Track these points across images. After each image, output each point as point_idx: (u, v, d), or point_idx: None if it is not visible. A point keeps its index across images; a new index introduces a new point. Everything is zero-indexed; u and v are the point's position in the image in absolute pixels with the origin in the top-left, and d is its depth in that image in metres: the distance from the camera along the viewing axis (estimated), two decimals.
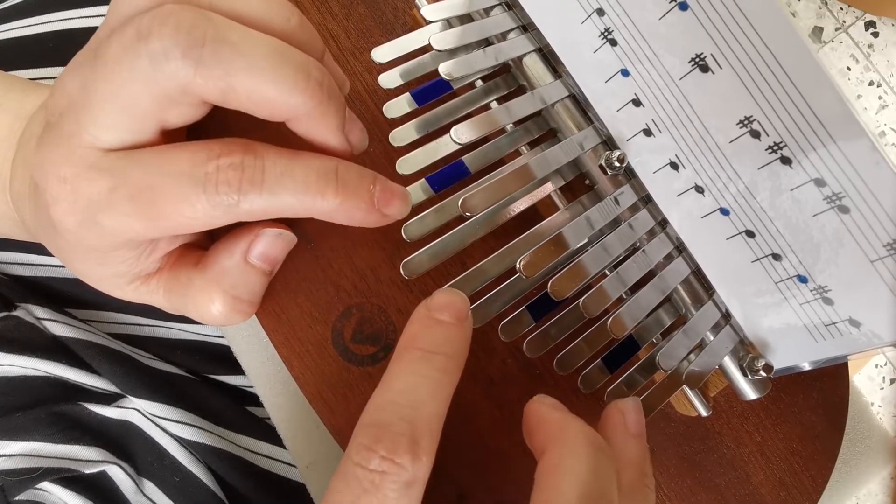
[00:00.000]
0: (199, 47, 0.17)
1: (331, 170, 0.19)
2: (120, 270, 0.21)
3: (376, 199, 0.20)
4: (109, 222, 0.18)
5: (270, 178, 0.18)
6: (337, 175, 0.19)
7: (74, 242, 0.20)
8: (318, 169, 0.19)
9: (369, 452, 0.18)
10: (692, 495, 0.27)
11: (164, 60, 0.17)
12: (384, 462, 0.18)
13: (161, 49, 0.17)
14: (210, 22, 0.17)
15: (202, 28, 0.17)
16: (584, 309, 0.22)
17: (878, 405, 1.12)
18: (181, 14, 0.17)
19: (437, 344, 0.20)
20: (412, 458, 0.18)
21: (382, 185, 0.20)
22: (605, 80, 0.24)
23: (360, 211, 0.20)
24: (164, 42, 0.17)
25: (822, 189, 0.21)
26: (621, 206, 0.24)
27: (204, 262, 0.22)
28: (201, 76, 0.17)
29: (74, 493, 0.29)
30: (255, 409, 0.36)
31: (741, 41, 0.21)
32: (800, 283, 0.23)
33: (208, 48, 0.17)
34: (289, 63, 0.18)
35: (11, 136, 0.23)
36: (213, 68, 0.17)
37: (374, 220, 0.20)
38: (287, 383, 0.29)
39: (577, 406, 0.27)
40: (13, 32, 0.35)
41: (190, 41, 0.17)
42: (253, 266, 0.22)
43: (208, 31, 0.17)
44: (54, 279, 0.33)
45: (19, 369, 0.30)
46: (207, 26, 0.17)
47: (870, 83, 1.15)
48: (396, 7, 0.28)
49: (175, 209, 0.18)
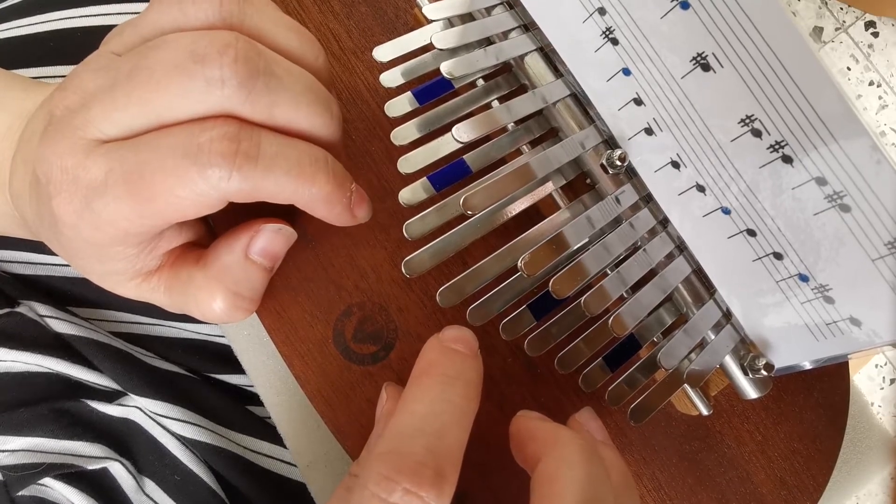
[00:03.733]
0: (254, 79, 0.18)
1: (322, 157, 0.20)
2: (120, 267, 0.21)
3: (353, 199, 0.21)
4: (103, 208, 0.18)
5: (266, 156, 0.18)
6: (328, 163, 0.20)
7: (74, 237, 0.20)
8: (311, 154, 0.20)
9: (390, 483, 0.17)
10: (693, 495, 0.27)
11: (220, 86, 0.18)
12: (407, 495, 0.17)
13: (219, 76, 0.18)
14: (262, 55, 0.19)
15: (256, 61, 0.18)
16: (586, 308, 0.22)
17: (878, 405, 1.13)
18: (238, 45, 0.18)
19: (458, 370, 0.20)
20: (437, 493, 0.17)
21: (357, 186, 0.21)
22: (607, 79, 0.24)
23: (341, 205, 0.20)
24: (223, 71, 0.18)
25: (824, 188, 0.21)
26: (622, 206, 0.24)
27: (205, 259, 0.22)
28: (250, 104, 0.18)
29: (76, 489, 0.29)
30: (256, 408, 0.36)
31: (742, 40, 0.21)
32: (801, 282, 0.23)
33: (261, 81, 0.18)
34: (320, 100, 0.20)
35: (11, 135, 0.23)
36: (262, 98, 0.18)
37: (347, 218, 0.21)
38: (287, 382, 0.29)
39: (578, 405, 0.27)
40: (12, 32, 0.35)
41: (248, 73, 0.18)
42: (254, 262, 0.22)
43: (261, 65, 0.18)
44: (56, 278, 0.33)
45: (22, 365, 0.30)
46: (260, 59, 0.18)
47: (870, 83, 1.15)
48: (398, 6, 0.28)
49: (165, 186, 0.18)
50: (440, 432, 0.18)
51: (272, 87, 0.18)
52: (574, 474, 0.19)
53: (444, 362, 0.20)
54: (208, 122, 0.18)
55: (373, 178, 0.26)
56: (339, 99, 0.27)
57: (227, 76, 0.18)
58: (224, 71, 0.18)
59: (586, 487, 0.18)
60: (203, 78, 0.18)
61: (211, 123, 0.18)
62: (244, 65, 0.18)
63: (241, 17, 0.19)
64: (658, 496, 0.27)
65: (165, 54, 0.18)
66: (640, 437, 0.27)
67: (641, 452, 0.27)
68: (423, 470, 0.17)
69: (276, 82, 0.19)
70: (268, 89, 0.18)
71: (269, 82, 0.18)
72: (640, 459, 0.27)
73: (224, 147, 0.18)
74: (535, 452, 0.20)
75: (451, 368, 0.20)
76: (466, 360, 0.21)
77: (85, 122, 0.18)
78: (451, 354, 0.21)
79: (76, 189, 0.18)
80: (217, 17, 0.19)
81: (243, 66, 0.18)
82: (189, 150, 0.18)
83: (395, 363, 0.25)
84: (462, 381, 0.20)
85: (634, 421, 0.24)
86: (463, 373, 0.20)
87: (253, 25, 0.20)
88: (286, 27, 0.20)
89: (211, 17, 0.19)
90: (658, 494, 0.27)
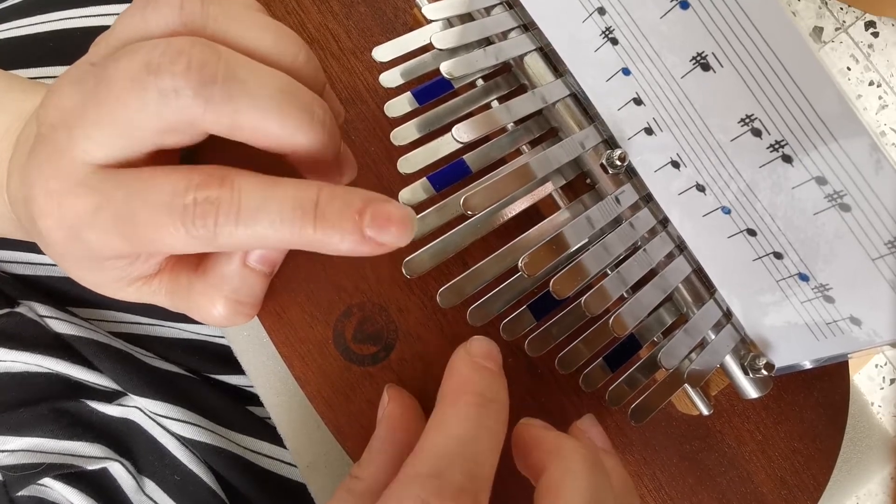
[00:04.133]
0: (209, 85, 0.17)
1: (309, 201, 0.18)
2: (115, 276, 0.21)
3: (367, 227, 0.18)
4: (94, 239, 0.18)
5: (245, 213, 0.18)
6: (316, 206, 0.18)
7: (65, 254, 0.20)
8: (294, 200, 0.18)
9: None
10: (693, 494, 0.27)
11: (174, 97, 0.17)
12: None
13: (172, 86, 0.17)
14: (221, 59, 0.17)
15: (213, 66, 0.17)
16: (586, 308, 0.22)
17: (878, 405, 1.13)
18: (192, 51, 0.17)
19: (494, 391, 0.20)
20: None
21: (377, 210, 0.18)
22: (606, 79, 0.24)
23: (347, 243, 0.18)
24: (175, 81, 0.17)
25: (824, 187, 0.21)
26: (622, 205, 0.24)
27: (203, 266, 0.22)
28: (210, 113, 0.17)
29: (76, 489, 0.29)
30: (256, 408, 0.36)
31: (742, 40, 0.21)
32: (801, 282, 0.23)
33: (218, 87, 0.17)
34: (294, 103, 0.18)
35: (10, 136, 0.23)
36: (223, 106, 0.17)
37: (366, 249, 0.18)
38: (287, 383, 0.29)
39: (578, 405, 0.27)
40: (12, 32, 0.35)
41: (201, 79, 0.17)
42: (252, 269, 0.22)
43: (219, 70, 0.17)
44: (55, 278, 0.33)
45: (22, 365, 0.30)
46: (218, 64, 0.17)
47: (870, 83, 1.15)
48: (397, 6, 0.28)
49: (155, 237, 0.18)
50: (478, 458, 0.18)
51: (233, 94, 0.17)
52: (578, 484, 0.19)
53: (478, 382, 0.20)
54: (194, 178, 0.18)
55: (373, 179, 0.26)
56: (339, 99, 0.27)
57: (179, 86, 0.17)
58: (176, 81, 0.17)
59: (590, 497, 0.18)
60: (156, 90, 0.17)
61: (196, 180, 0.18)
62: (198, 72, 0.17)
63: (204, 19, 0.18)
64: (659, 496, 0.27)
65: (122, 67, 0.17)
66: (640, 437, 0.27)
67: (642, 452, 0.27)
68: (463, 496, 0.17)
69: (239, 87, 0.17)
70: (228, 96, 0.17)
71: (230, 88, 0.17)
72: (641, 459, 0.27)
73: (206, 210, 0.17)
74: (538, 461, 0.20)
75: (487, 390, 0.20)
76: (498, 380, 0.21)
77: (70, 143, 0.18)
78: (484, 373, 0.20)
79: (63, 215, 0.18)
80: (178, 22, 0.18)
81: (197, 74, 0.17)
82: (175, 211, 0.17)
83: (395, 364, 0.25)
84: (497, 405, 0.20)
85: (635, 421, 0.24)
86: (498, 395, 0.20)
87: (218, 28, 0.18)
88: (257, 26, 0.19)
89: (171, 22, 0.18)
90: (659, 494, 0.27)
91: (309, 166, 0.20)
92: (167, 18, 0.18)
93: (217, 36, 0.18)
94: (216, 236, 0.18)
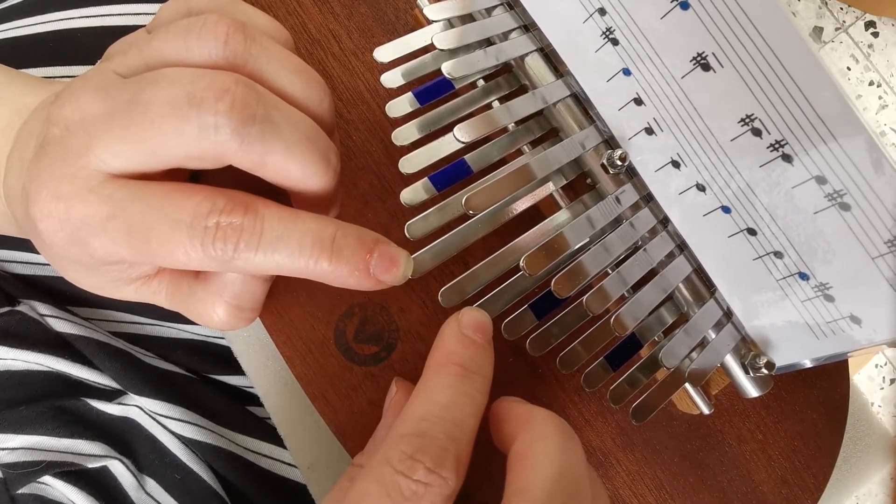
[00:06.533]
0: (248, 126, 0.18)
1: (328, 237, 0.19)
2: (112, 277, 0.21)
3: (373, 266, 0.20)
4: (100, 246, 0.18)
5: (267, 242, 0.18)
6: (333, 242, 0.19)
7: (63, 256, 0.20)
8: (315, 235, 0.19)
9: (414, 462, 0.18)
10: (694, 494, 0.27)
11: (213, 132, 0.17)
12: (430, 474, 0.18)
13: (213, 123, 0.17)
14: (261, 101, 0.18)
15: (253, 107, 0.18)
16: (587, 307, 0.22)
17: (878, 405, 1.13)
18: (237, 90, 0.18)
19: (477, 364, 0.21)
20: (455, 475, 0.18)
21: (383, 251, 0.20)
22: (607, 80, 0.24)
23: (354, 278, 0.20)
24: (217, 118, 0.17)
25: (824, 187, 0.21)
26: (623, 205, 0.24)
27: (204, 272, 0.22)
28: (243, 150, 0.18)
29: (76, 487, 0.29)
30: (256, 409, 0.36)
31: (742, 40, 0.21)
32: (801, 281, 0.23)
33: (255, 128, 0.18)
34: (316, 151, 0.19)
35: (9, 131, 0.23)
36: (256, 146, 0.18)
37: (368, 285, 0.20)
38: (287, 384, 0.29)
39: (578, 405, 0.27)
40: (12, 32, 0.35)
41: (242, 120, 0.17)
42: (254, 275, 0.22)
43: (258, 111, 0.18)
44: (55, 278, 0.33)
45: (23, 364, 0.30)
46: (258, 106, 0.18)
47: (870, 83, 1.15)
48: (398, 7, 0.28)
49: (169, 252, 0.18)
50: (459, 422, 0.19)
51: (267, 136, 0.18)
52: (548, 448, 0.19)
53: (463, 354, 0.21)
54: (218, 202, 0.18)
55: (373, 179, 0.26)
56: (340, 100, 0.27)
57: (220, 123, 0.17)
58: (219, 119, 0.17)
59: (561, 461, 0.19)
60: (197, 123, 0.17)
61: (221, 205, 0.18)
62: (240, 112, 0.17)
63: (246, 56, 0.19)
64: (660, 495, 0.27)
65: (163, 92, 0.18)
66: (641, 437, 0.27)
67: (643, 451, 0.27)
68: (445, 454, 0.18)
69: (272, 131, 0.18)
70: (262, 138, 0.18)
71: (265, 130, 0.18)
72: (642, 458, 0.27)
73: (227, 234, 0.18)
74: (510, 432, 0.21)
75: (470, 362, 0.21)
76: (485, 353, 0.21)
77: (87, 149, 0.18)
78: (470, 346, 0.21)
79: (68, 219, 0.18)
80: (220, 55, 0.19)
81: (238, 114, 0.17)
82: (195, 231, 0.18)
83: (396, 364, 0.25)
84: (480, 377, 0.21)
85: (636, 420, 0.24)
86: (482, 368, 0.21)
87: (256, 67, 0.19)
88: (291, 69, 0.20)
89: (214, 54, 0.19)
90: (660, 493, 0.27)
91: (306, 200, 0.21)
92: (210, 50, 0.19)
93: (255, 74, 0.19)
94: (233, 260, 0.18)
